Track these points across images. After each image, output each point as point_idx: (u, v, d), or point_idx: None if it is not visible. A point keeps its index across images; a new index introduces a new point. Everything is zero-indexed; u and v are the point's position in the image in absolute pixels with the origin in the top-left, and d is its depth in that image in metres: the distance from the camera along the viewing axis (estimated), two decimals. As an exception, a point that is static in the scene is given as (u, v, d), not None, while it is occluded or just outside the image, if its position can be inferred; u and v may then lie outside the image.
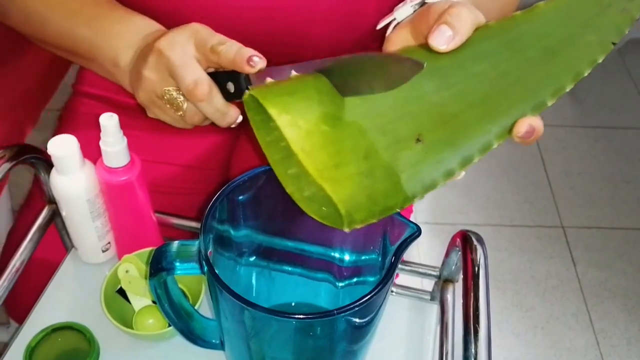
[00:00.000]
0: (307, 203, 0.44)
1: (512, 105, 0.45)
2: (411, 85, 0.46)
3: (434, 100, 0.45)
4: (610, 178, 1.80)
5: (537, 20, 0.47)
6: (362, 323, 0.48)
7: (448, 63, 0.46)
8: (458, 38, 0.46)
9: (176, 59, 0.55)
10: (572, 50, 0.46)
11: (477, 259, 0.56)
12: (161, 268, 0.47)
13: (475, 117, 0.45)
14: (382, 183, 0.42)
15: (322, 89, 0.44)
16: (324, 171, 0.41)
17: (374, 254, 0.54)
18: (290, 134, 0.41)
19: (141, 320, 0.62)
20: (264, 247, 0.58)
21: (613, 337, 1.46)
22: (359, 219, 0.41)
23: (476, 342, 0.50)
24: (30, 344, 0.56)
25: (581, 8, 0.47)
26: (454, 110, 0.45)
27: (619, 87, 2.08)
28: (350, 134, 0.43)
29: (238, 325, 0.47)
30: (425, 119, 0.45)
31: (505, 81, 0.46)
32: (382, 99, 0.45)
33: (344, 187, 0.41)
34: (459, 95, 0.45)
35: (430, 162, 0.44)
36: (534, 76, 0.46)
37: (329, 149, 0.42)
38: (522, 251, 1.61)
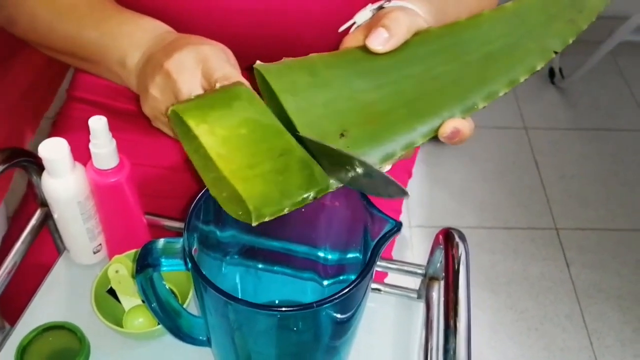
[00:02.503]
0: (226, 203, 0.46)
1: (441, 106, 0.47)
2: (342, 84, 0.48)
3: (364, 98, 0.48)
4: (603, 180, 1.81)
5: (480, 27, 0.50)
6: (343, 318, 0.49)
7: (383, 64, 0.49)
8: (394, 40, 0.48)
9: (183, 85, 0.55)
10: (510, 57, 0.48)
11: (458, 255, 0.57)
12: (147, 264, 0.48)
13: (402, 116, 0.47)
14: (297, 177, 0.45)
15: (242, 95, 0.47)
16: (237, 172, 0.44)
17: (356, 252, 0.55)
18: (207, 141, 0.44)
19: (131, 319, 0.63)
20: (249, 247, 0.59)
21: (607, 338, 1.47)
22: (267, 213, 0.43)
23: (456, 336, 0.51)
24: (22, 343, 0.57)
25: (527, 16, 0.49)
26: (381, 109, 0.47)
27: (612, 89, 2.09)
28: (268, 135, 0.46)
29: (222, 320, 0.48)
30: (352, 116, 0.47)
31: (437, 83, 0.48)
32: (310, 97, 0.48)
33: (254, 185, 0.43)
34: (388, 95, 0.48)
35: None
36: (468, 80, 0.48)
37: (245, 151, 0.45)
38: (516, 253, 1.62)
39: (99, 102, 0.86)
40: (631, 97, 2.07)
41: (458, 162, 1.82)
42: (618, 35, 1.82)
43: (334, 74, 0.49)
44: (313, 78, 0.49)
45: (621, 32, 1.80)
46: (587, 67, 1.95)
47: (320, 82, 0.49)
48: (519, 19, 0.49)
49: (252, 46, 0.70)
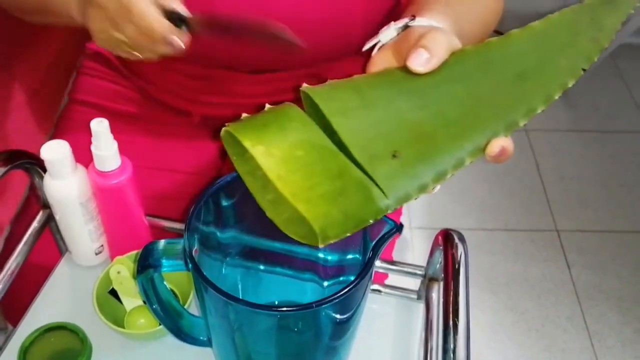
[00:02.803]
0: (286, 225, 0.47)
1: (485, 124, 0.48)
2: (388, 105, 0.48)
3: (410, 118, 0.48)
4: (603, 181, 1.81)
5: (511, 46, 0.50)
6: (343, 319, 0.50)
7: (424, 84, 0.49)
8: (434, 60, 0.48)
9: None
10: (543, 75, 0.49)
11: (457, 256, 0.57)
12: (148, 265, 0.49)
13: (449, 135, 0.47)
14: (355, 198, 0.45)
15: (294, 116, 0.47)
16: (299, 194, 0.43)
17: (356, 253, 0.55)
18: (265, 163, 0.44)
19: (132, 320, 0.64)
20: (249, 248, 0.60)
21: (608, 339, 1.47)
22: (332, 235, 0.43)
23: (455, 336, 0.51)
24: (24, 344, 0.58)
25: (554, 36, 0.50)
26: (429, 129, 0.47)
27: (612, 91, 2.10)
28: (324, 156, 0.46)
29: (223, 320, 0.49)
30: (401, 137, 0.47)
31: (478, 102, 0.48)
32: (360, 119, 0.48)
33: (317, 206, 0.43)
34: (434, 114, 0.48)
35: (405, 177, 0.46)
36: (507, 98, 0.48)
37: (303, 172, 0.44)
38: (517, 255, 1.63)
39: (99, 104, 0.87)
40: (631, 99, 2.07)
41: (458, 163, 1.82)
42: (618, 38, 1.82)
43: (379, 94, 0.49)
44: (360, 99, 0.49)
45: (621, 35, 1.81)
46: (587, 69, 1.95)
47: (367, 103, 0.49)
48: (547, 37, 0.50)
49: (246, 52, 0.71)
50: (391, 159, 0.46)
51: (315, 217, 0.43)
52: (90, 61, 0.91)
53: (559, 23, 0.51)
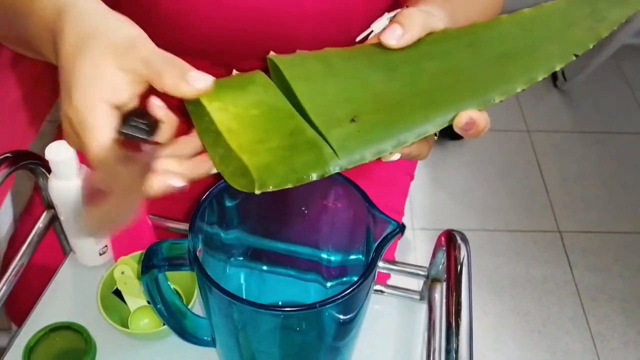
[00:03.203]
0: (231, 177, 0.47)
1: (457, 98, 0.47)
2: (356, 75, 0.49)
3: (378, 88, 0.48)
4: (606, 182, 1.81)
5: (497, 29, 0.51)
6: (346, 319, 0.50)
7: (398, 59, 0.50)
8: (408, 36, 0.49)
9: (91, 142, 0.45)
10: (529, 57, 0.49)
11: (460, 256, 0.57)
12: (152, 265, 0.49)
13: (416, 106, 0.47)
14: (304, 155, 0.45)
15: (258, 81, 0.49)
16: (245, 146, 0.44)
17: (359, 254, 0.55)
18: (218, 116, 0.45)
19: (136, 320, 0.64)
20: (253, 249, 0.60)
21: (611, 340, 1.47)
22: (271, 183, 0.44)
23: (458, 336, 0.51)
24: (29, 343, 0.58)
25: (546, 22, 0.50)
26: (395, 99, 0.48)
27: (614, 92, 2.10)
28: (279, 117, 0.47)
29: (226, 320, 0.49)
30: (365, 104, 0.47)
31: (453, 77, 0.48)
32: (323, 85, 0.49)
33: (261, 157, 0.44)
34: (403, 86, 0.48)
35: (361, 140, 0.46)
36: (485, 75, 0.48)
37: (255, 129, 0.46)
38: (519, 256, 1.63)
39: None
40: (633, 99, 2.07)
41: (461, 164, 1.82)
42: (620, 39, 1.82)
43: (348, 65, 0.50)
44: (326, 68, 0.50)
45: (623, 35, 1.81)
46: (590, 70, 1.95)
47: (334, 72, 0.49)
48: (537, 23, 0.51)
49: (250, 43, 0.71)
50: (349, 123, 0.46)
51: (256, 165, 0.43)
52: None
53: (551, 11, 0.51)
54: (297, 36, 0.70)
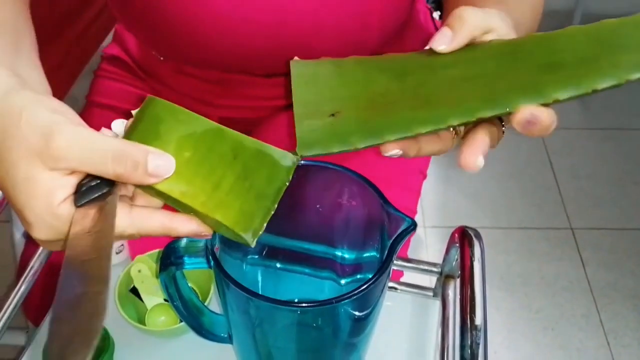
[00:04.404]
0: (220, 231, 0.45)
1: (459, 101, 0.44)
2: (364, 77, 0.47)
3: (378, 90, 0.46)
4: (618, 179, 1.81)
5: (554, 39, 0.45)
6: (361, 316, 0.50)
7: (418, 65, 0.47)
8: (458, 39, 0.46)
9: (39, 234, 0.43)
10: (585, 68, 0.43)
11: (473, 253, 0.58)
12: (170, 263, 0.50)
13: (407, 106, 0.44)
14: (261, 172, 0.43)
15: (162, 116, 0.44)
16: (208, 202, 0.42)
17: (373, 251, 0.56)
18: (162, 186, 0.42)
19: (153, 317, 0.65)
20: (269, 247, 0.60)
21: (624, 337, 1.47)
22: (259, 226, 0.42)
23: (472, 332, 0.52)
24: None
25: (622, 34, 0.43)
26: (391, 99, 0.45)
27: (626, 89, 2.07)
28: (212, 143, 0.44)
29: (244, 316, 0.50)
30: (355, 101, 0.46)
31: (469, 84, 0.44)
32: (322, 83, 0.48)
33: (230, 207, 0.42)
34: (405, 89, 0.46)
35: (328, 132, 0.44)
36: (511, 83, 0.43)
37: (201, 174, 0.43)
38: (532, 253, 1.63)
39: (117, 106, 0.88)
40: (645, 96, 2.07)
41: (472, 162, 1.82)
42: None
43: (359, 67, 0.48)
44: (336, 69, 0.48)
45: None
46: (601, 67, 1.94)
47: (341, 73, 0.48)
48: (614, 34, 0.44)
49: (265, 57, 0.71)
50: (328, 117, 0.45)
51: (235, 220, 0.42)
52: (107, 64, 0.92)
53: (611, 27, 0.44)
54: (314, 49, 0.71)
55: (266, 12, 0.66)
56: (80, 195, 0.41)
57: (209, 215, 0.42)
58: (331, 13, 0.67)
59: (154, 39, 0.76)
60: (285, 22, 0.67)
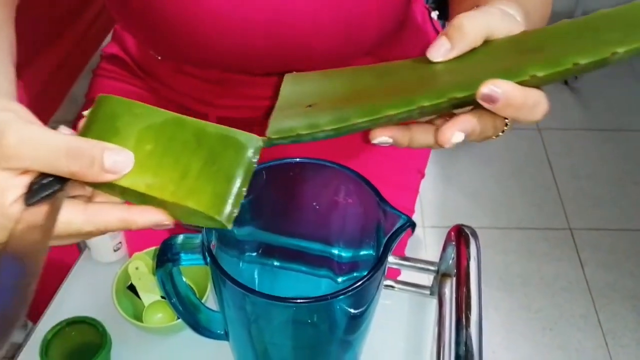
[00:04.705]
0: (191, 220, 0.44)
1: (442, 86, 0.42)
2: (349, 79, 0.47)
3: (359, 85, 0.46)
4: (617, 180, 1.81)
5: (547, 30, 0.44)
6: (357, 313, 0.51)
7: (405, 65, 0.47)
8: (455, 52, 0.45)
9: None
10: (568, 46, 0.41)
11: (469, 250, 0.58)
12: (167, 259, 0.50)
13: (385, 94, 0.44)
14: (227, 155, 0.42)
15: (118, 111, 0.44)
16: (177, 191, 0.42)
17: (370, 249, 0.56)
18: (124, 182, 0.42)
19: (150, 314, 0.65)
20: (265, 245, 0.61)
21: (622, 338, 1.47)
22: (234, 208, 0.42)
23: (467, 329, 0.52)
24: (47, 337, 0.59)
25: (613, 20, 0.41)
26: (370, 93, 0.45)
27: (625, 90, 2.09)
28: (173, 132, 0.43)
29: (240, 313, 0.50)
30: (334, 95, 0.45)
31: (454, 72, 0.44)
32: (308, 84, 0.48)
33: (202, 192, 0.42)
34: (387, 83, 0.45)
35: (299, 117, 0.44)
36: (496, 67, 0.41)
37: (167, 164, 0.42)
38: (530, 253, 1.63)
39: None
40: (645, 97, 2.07)
41: (471, 162, 1.83)
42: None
43: (347, 72, 0.48)
44: (323, 75, 0.48)
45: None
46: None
47: (328, 76, 0.48)
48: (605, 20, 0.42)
49: (263, 56, 0.72)
50: (304, 108, 0.44)
51: (208, 205, 0.41)
52: (106, 63, 0.92)
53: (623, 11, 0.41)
54: (311, 49, 0.71)
55: (265, 12, 0.66)
56: (30, 193, 0.41)
57: (180, 204, 0.41)
58: (329, 13, 0.67)
59: (152, 39, 0.77)
60: (284, 22, 0.67)
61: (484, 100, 0.39)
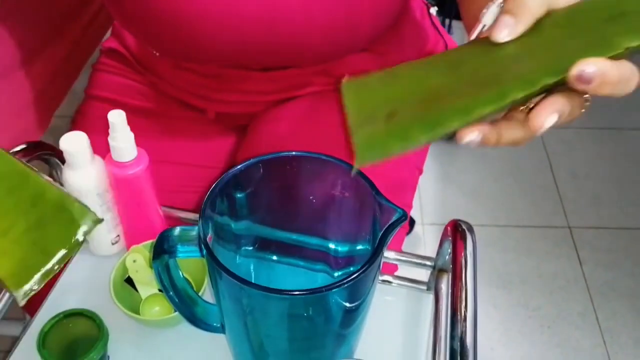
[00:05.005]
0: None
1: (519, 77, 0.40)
2: (416, 75, 0.45)
3: (431, 84, 0.43)
4: (617, 179, 1.81)
5: None
6: (352, 307, 0.51)
7: (470, 53, 0.44)
8: (520, 25, 0.43)
9: None
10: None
11: (465, 246, 0.58)
12: (164, 251, 0.50)
13: (467, 92, 0.41)
14: (55, 225, 0.42)
15: None
16: None
17: (366, 243, 0.56)
18: None
19: (148, 307, 0.65)
20: (262, 239, 0.61)
21: (620, 336, 1.47)
22: (34, 284, 0.41)
23: (462, 324, 0.52)
24: (44, 329, 0.60)
25: None
26: (447, 90, 0.42)
27: (626, 89, 2.09)
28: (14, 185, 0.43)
29: (236, 305, 0.50)
30: (409, 99, 0.43)
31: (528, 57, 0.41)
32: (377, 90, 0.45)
33: (11, 256, 0.41)
34: (461, 77, 0.43)
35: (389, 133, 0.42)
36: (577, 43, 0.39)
37: None
38: (529, 252, 1.63)
39: (115, 99, 0.89)
40: (645, 96, 2.06)
41: (471, 160, 1.83)
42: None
43: (408, 69, 0.46)
44: (386, 74, 0.46)
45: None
46: (601, 67, 1.95)
47: (393, 75, 0.46)
48: None
49: (258, 52, 0.72)
50: (383, 120, 0.42)
51: (10, 273, 0.41)
52: (105, 58, 0.93)
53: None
54: (306, 44, 0.71)
55: (259, 6, 0.67)
56: None
57: None
58: (323, 8, 0.68)
59: (149, 36, 0.77)
60: (278, 16, 0.68)
61: (578, 81, 0.38)
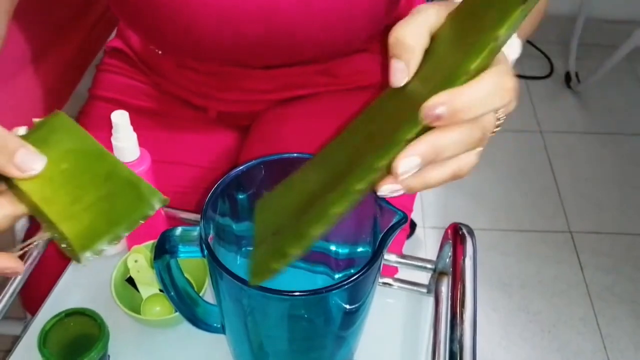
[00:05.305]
0: (62, 246, 0.45)
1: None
2: (300, 183, 0.47)
3: (310, 189, 0.44)
4: (618, 183, 1.81)
5: None
6: (352, 308, 0.51)
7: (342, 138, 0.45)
8: (412, 65, 0.41)
9: None
10: None
11: (465, 248, 0.58)
12: (165, 251, 0.50)
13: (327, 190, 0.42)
14: (124, 199, 0.44)
15: (58, 127, 0.46)
16: (62, 212, 0.43)
17: (367, 245, 0.56)
18: (27, 187, 0.43)
19: (149, 307, 0.66)
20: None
21: (620, 341, 1.47)
22: (97, 248, 0.43)
23: (462, 326, 0.52)
24: (45, 327, 0.60)
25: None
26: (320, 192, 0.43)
27: (627, 93, 2.09)
28: (91, 162, 0.45)
29: (236, 305, 0.50)
30: (292, 212, 0.45)
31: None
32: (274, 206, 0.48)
33: (80, 221, 0.43)
34: (325, 175, 0.44)
35: (273, 250, 0.44)
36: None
37: (69, 186, 0.44)
38: (530, 256, 1.63)
39: (118, 99, 0.89)
40: (647, 101, 2.07)
41: (473, 164, 1.82)
42: (634, 40, 1.82)
43: (302, 172, 0.48)
44: (284, 185, 0.49)
45: (637, 37, 1.80)
46: (603, 71, 1.95)
47: (288, 185, 0.48)
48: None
49: (256, 43, 0.72)
50: (271, 236, 0.45)
51: (77, 236, 0.42)
52: (109, 58, 0.93)
53: None
54: (304, 37, 0.72)
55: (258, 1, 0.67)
56: None
57: (56, 225, 0.43)
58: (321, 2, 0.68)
59: (151, 34, 0.77)
60: (277, 11, 0.68)
61: (434, 123, 0.37)
